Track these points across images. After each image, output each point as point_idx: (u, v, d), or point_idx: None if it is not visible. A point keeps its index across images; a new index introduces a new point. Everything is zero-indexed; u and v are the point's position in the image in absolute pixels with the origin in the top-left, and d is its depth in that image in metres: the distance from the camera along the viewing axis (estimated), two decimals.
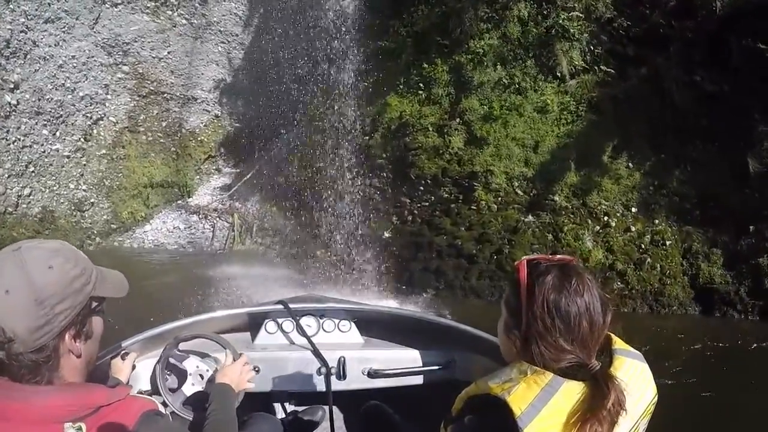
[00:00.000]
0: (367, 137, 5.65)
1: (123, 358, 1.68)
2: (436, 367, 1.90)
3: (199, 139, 9.44)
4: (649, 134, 5.12)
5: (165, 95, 8.77)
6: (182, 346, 1.82)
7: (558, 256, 1.03)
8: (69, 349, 0.89)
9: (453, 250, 4.75)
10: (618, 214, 4.81)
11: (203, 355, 1.84)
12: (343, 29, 6.80)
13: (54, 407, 0.84)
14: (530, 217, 4.66)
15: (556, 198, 4.72)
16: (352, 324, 2.13)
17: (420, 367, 1.93)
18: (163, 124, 8.92)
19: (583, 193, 4.79)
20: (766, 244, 4.81)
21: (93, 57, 7.79)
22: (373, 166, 5.48)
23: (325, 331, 2.09)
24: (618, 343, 1.00)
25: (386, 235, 5.13)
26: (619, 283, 4.46)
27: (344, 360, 1.91)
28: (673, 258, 4.75)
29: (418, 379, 1.91)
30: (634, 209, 4.90)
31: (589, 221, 4.70)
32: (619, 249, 4.69)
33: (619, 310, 4.33)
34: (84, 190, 7.85)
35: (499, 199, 4.79)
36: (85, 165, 7.86)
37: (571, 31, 5.07)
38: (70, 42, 7.54)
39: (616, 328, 0.99)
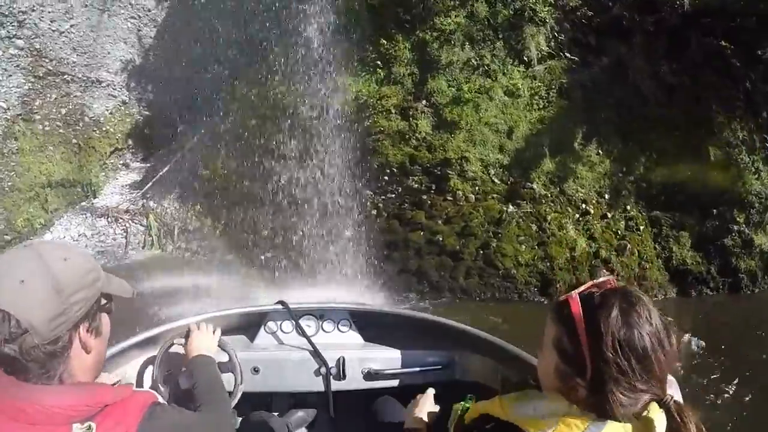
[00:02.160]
0: (316, 120, 5.13)
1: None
2: (436, 367, 1.93)
3: (104, 129, 8.27)
4: (615, 121, 5.15)
5: (65, 77, 7.55)
6: (173, 349, 1.82)
7: (601, 279, 0.96)
8: (82, 343, 0.91)
9: (434, 247, 4.38)
10: (594, 201, 4.74)
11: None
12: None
13: (62, 407, 0.84)
14: (512, 207, 4.42)
15: (535, 186, 4.52)
16: (352, 324, 2.14)
17: (420, 367, 1.96)
18: (63, 111, 7.67)
19: (560, 180, 4.65)
20: (728, 225, 5.10)
21: None
22: (326, 153, 4.98)
23: (324, 331, 2.11)
24: None
25: (347, 233, 4.64)
26: (605, 272, 4.37)
27: (344, 360, 1.95)
28: (647, 242, 4.80)
29: (418, 379, 1.93)
30: (607, 196, 4.87)
31: (569, 209, 4.57)
32: (600, 236, 4.62)
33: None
34: None
35: (476, 188, 4.48)
36: None
37: (541, 15, 4.94)
38: None
39: None
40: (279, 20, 6.28)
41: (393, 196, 4.61)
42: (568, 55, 5.28)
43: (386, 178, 4.65)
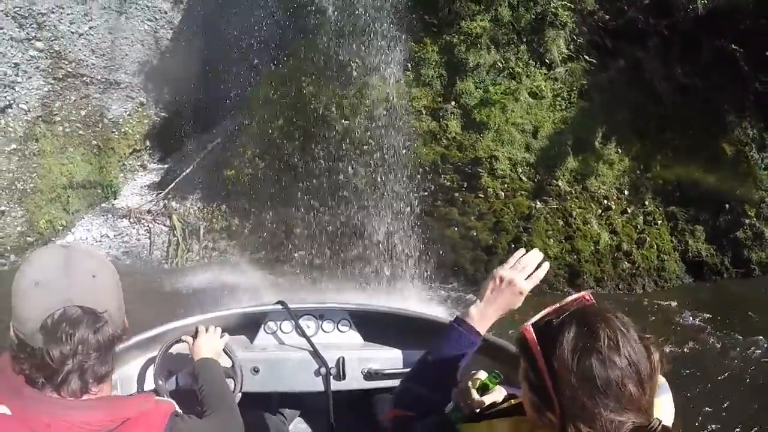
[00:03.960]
0: (346, 121, 5.46)
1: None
2: None
3: (122, 130, 8.58)
4: (632, 121, 5.56)
5: (84, 78, 7.84)
6: (173, 349, 1.90)
7: (568, 299, 0.89)
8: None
9: (468, 242, 4.77)
10: (614, 198, 5.13)
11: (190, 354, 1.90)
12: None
13: (84, 422, 0.87)
14: (539, 204, 4.81)
15: (560, 183, 4.92)
16: (352, 324, 2.20)
17: None
18: (82, 112, 7.96)
19: (583, 177, 5.06)
20: (741, 219, 5.53)
21: (2, 29, 6.73)
22: (359, 153, 5.31)
23: (324, 331, 2.17)
24: None
25: (382, 230, 4.99)
26: (626, 263, 4.76)
27: (343, 360, 1.99)
28: (665, 236, 5.22)
29: None
30: (626, 192, 5.28)
31: (592, 205, 4.97)
32: (621, 230, 5.04)
33: (631, 289, 4.68)
34: None
35: (506, 185, 4.88)
36: None
37: (561, 19, 5.32)
38: None
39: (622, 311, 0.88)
40: (303, 21, 6.63)
41: (426, 193, 4.98)
42: (586, 57, 5.67)
43: (419, 176, 5.01)
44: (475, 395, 1.29)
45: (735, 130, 5.75)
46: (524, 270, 1.21)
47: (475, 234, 4.76)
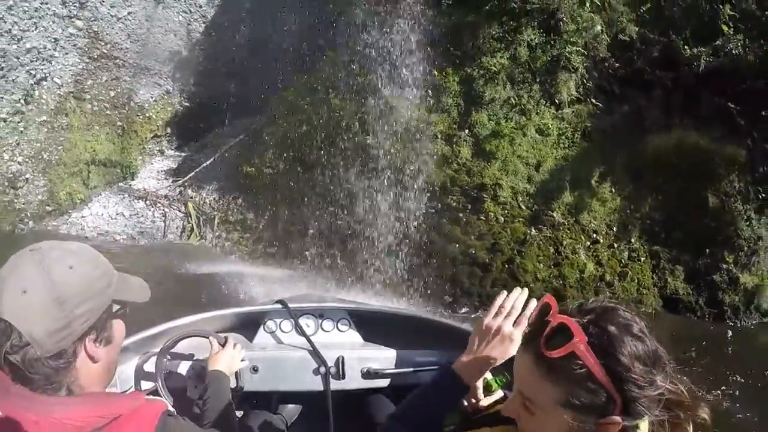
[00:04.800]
0: (368, 136, 6.34)
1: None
2: (436, 367, 2.01)
3: (147, 115, 9.45)
4: (629, 165, 6.42)
5: (117, 61, 8.68)
6: (173, 349, 1.99)
7: (591, 303, 0.97)
8: (89, 354, 0.94)
9: (467, 258, 5.57)
10: (603, 232, 6.00)
11: (198, 354, 2.01)
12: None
13: (73, 419, 0.89)
14: (534, 231, 5.68)
15: (555, 214, 5.78)
16: (351, 324, 2.33)
17: (419, 366, 2.12)
18: (111, 93, 8.80)
19: (577, 211, 5.89)
20: (719, 264, 6.30)
21: (46, 3, 7.51)
22: (376, 166, 6.19)
23: (323, 330, 2.29)
24: None
25: (390, 239, 5.86)
26: (607, 293, 5.64)
27: (343, 359, 2.11)
28: (646, 272, 6.04)
29: (418, 379, 2.08)
30: (615, 228, 6.13)
31: (582, 237, 5.82)
32: (606, 263, 5.86)
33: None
34: (19, 163, 7.52)
35: (506, 211, 5.71)
36: (22, 132, 7.51)
37: (574, 63, 6.22)
38: None
39: None
40: (333, 34, 7.51)
41: (433, 211, 5.84)
42: (593, 101, 6.55)
43: (428, 194, 5.89)
44: (480, 394, 1.37)
45: (723, 182, 6.63)
46: (511, 314, 1.22)
47: (473, 252, 5.58)
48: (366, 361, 2.16)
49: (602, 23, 6.71)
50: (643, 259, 6.10)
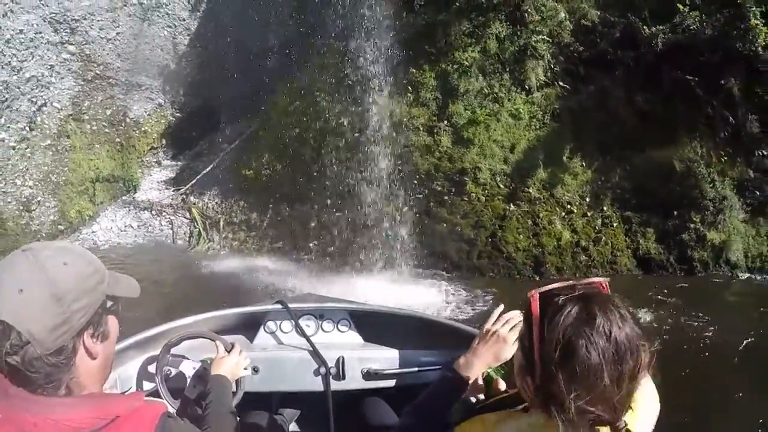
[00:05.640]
0: (356, 134, 7.42)
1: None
2: (436, 367, 2.14)
3: (142, 129, 10.43)
4: (597, 140, 7.45)
5: (110, 80, 9.63)
6: (175, 350, 2.08)
7: (584, 282, 1.03)
8: (87, 350, 1.01)
9: (454, 235, 6.59)
10: (577, 203, 7.07)
11: (199, 355, 2.12)
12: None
13: (72, 420, 0.95)
14: (513, 207, 6.76)
15: (531, 190, 6.83)
16: (352, 324, 2.45)
17: (420, 367, 2.22)
18: (108, 112, 9.77)
19: (551, 186, 6.92)
20: (687, 224, 7.26)
21: (40, 33, 8.35)
22: (366, 161, 7.26)
23: (324, 331, 2.42)
24: None
25: (385, 224, 6.94)
26: (583, 257, 6.72)
27: (343, 360, 2.22)
28: (619, 236, 7.08)
29: (418, 379, 2.18)
30: (588, 199, 7.16)
31: (557, 209, 6.87)
32: (581, 230, 6.87)
33: (587, 278, 6.62)
34: (30, 187, 8.42)
35: (486, 191, 6.73)
36: (29, 158, 8.41)
37: (540, 51, 7.29)
38: (19, 14, 7.96)
39: None
40: (317, 38, 8.57)
41: (421, 196, 6.90)
42: (561, 83, 7.60)
43: (416, 182, 6.96)
44: (482, 387, 1.62)
45: (686, 149, 7.69)
46: (508, 323, 1.50)
47: (459, 229, 6.60)
48: (366, 362, 2.27)
49: (565, 11, 7.78)
50: (615, 224, 7.17)
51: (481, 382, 1.65)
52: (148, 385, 2.10)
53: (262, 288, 6.40)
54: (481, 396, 1.67)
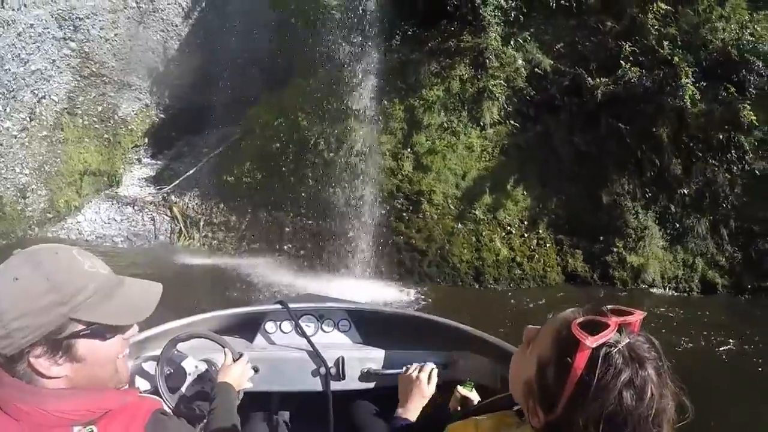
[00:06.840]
0: (332, 153, 9.39)
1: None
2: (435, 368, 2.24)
3: (129, 127, 11.76)
4: (538, 173, 9.43)
5: (104, 78, 10.96)
6: (180, 346, 2.23)
7: (624, 318, 1.01)
8: (35, 370, 1.05)
9: (409, 247, 8.38)
10: (516, 225, 9.14)
11: (202, 355, 2.27)
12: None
13: (65, 411, 1.06)
14: (460, 225, 8.79)
15: (477, 212, 8.86)
16: (351, 324, 2.62)
17: None
18: (99, 108, 11.04)
19: (494, 209, 8.86)
20: (610, 248, 9.07)
21: (47, 28, 9.48)
22: (338, 177, 9.22)
23: (324, 331, 2.58)
24: None
25: (350, 234, 8.93)
26: (518, 271, 8.80)
27: (343, 360, 2.38)
28: (551, 255, 9.02)
29: None
30: (526, 222, 9.12)
31: (498, 229, 8.88)
32: (518, 248, 8.78)
33: (519, 288, 8.74)
34: (26, 175, 9.60)
35: (439, 211, 8.68)
36: (28, 147, 9.60)
37: (496, 94, 9.37)
38: (31, 8, 8.95)
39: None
40: (301, 59, 10.46)
41: (384, 212, 8.89)
42: (512, 122, 9.63)
43: (380, 199, 8.95)
44: (462, 395, 1.96)
45: (615, 185, 9.75)
46: (422, 370, 2.08)
47: (414, 242, 8.39)
48: (366, 362, 2.41)
49: (522, 59, 9.86)
50: (548, 245, 9.25)
51: (459, 397, 1.96)
52: (144, 384, 2.25)
53: (239, 282, 8.20)
54: (459, 408, 1.93)
